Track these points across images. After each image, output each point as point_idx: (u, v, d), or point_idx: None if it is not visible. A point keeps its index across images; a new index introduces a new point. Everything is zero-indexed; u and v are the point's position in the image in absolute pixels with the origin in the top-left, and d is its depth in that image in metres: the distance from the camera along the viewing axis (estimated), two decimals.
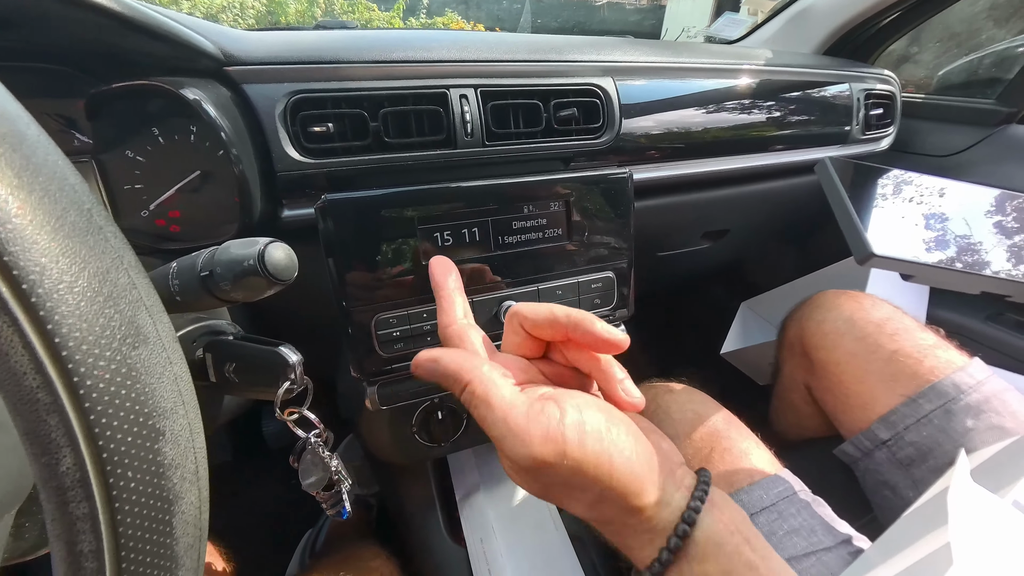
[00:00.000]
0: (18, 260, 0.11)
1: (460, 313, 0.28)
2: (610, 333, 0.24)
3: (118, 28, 0.31)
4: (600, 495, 0.21)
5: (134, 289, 0.14)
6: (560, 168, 0.48)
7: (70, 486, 0.12)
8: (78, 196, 0.13)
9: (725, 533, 0.21)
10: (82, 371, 0.12)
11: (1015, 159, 0.69)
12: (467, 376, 0.22)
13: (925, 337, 0.55)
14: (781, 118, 0.64)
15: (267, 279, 0.23)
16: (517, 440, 0.20)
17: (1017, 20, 0.74)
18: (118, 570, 0.13)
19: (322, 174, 0.40)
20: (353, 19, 6.23)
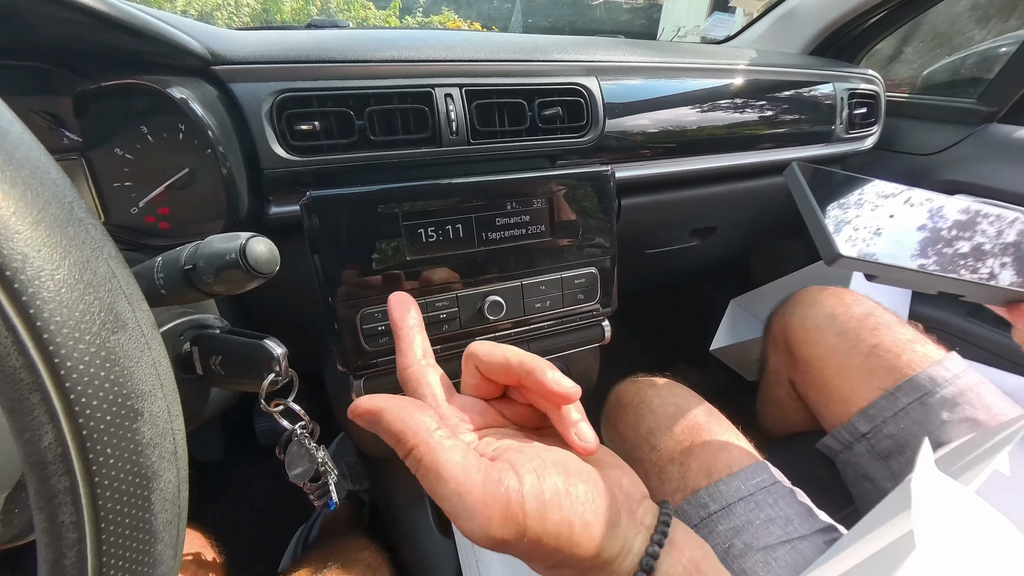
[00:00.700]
0: (2, 249, 0.12)
1: (419, 353, 0.26)
2: (559, 385, 0.22)
3: (103, 27, 0.32)
4: (560, 561, 0.21)
5: (113, 278, 0.15)
6: (545, 166, 0.49)
7: (51, 460, 0.13)
8: (59, 189, 0.14)
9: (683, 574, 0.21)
10: (63, 353, 0.13)
11: (995, 157, 0.71)
12: (411, 440, 0.20)
13: (904, 332, 0.56)
14: (765, 117, 0.65)
15: (248, 272, 0.24)
16: (474, 521, 0.19)
17: (997, 21, 0.75)
18: (98, 541, 0.14)
19: (308, 171, 0.41)
20: (349, 17, 6.21)
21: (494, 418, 0.25)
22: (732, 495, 0.43)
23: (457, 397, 0.26)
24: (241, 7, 5.83)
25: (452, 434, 0.21)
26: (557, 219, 0.44)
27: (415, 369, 0.25)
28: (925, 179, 0.76)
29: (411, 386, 0.25)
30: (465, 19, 6.82)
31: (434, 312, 0.41)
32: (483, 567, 0.53)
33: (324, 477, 0.38)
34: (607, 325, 0.51)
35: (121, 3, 0.33)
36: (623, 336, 1.02)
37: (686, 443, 0.47)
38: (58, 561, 0.13)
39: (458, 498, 0.19)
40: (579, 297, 0.47)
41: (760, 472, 0.45)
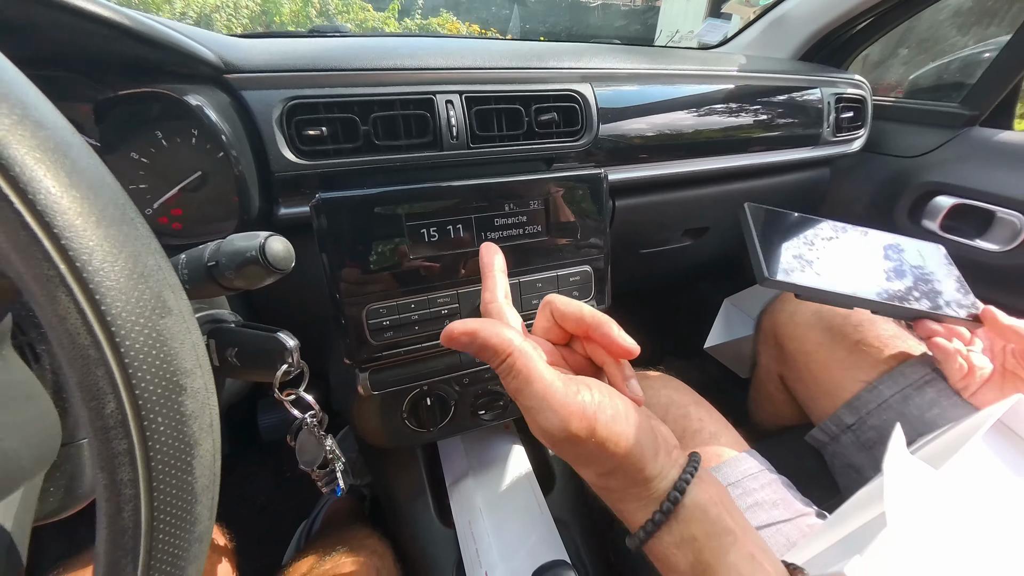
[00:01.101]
0: (73, 245, 0.14)
1: (502, 294, 0.30)
2: (624, 340, 0.27)
3: (124, 39, 0.34)
4: (614, 468, 0.24)
5: (160, 270, 0.17)
6: (541, 168, 0.51)
7: (113, 426, 0.15)
8: (114, 193, 0.16)
9: (709, 503, 0.25)
10: (122, 334, 0.15)
11: (976, 159, 0.73)
12: (508, 349, 0.24)
13: (887, 328, 0.59)
14: (754, 121, 0.67)
15: (266, 268, 0.26)
16: (555, 415, 0.23)
17: (978, 28, 0.78)
18: (150, 498, 0.16)
19: (316, 174, 0.43)
20: (348, 19, 6.23)
21: (558, 360, 0.29)
22: (720, 481, 0.45)
23: (530, 336, 0.29)
24: (240, 9, 5.85)
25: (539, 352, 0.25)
26: (553, 220, 0.46)
27: (497, 305, 0.29)
28: (911, 180, 0.79)
29: (493, 318, 0.29)
30: (465, 22, 6.85)
31: (435, 308, 0.43)
32: (483, 556, 0.55)
33: (331, 464, 0.40)
34: None
35: (141, 16, 0.35)
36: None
37: (677, 433, 0.49)
38: (117, 514, 0.15)
39: (543, 398, 0.23)
40: (574, 294, 0.49)
41: (747, 460, 0.47)
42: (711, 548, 0.24)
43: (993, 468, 0.39)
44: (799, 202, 0.86)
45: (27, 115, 0.14)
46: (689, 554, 0.24)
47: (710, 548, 0.24)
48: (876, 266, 0.54)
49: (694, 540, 0.24)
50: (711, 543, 0.24)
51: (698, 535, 0.24)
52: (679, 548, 0.24)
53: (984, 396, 0.49)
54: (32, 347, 0.26)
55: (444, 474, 0.66)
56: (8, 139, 0.13)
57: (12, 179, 0.13)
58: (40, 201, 0.14)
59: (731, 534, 0.24)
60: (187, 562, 0.18)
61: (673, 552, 0.24)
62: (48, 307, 0.14)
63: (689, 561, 0.24)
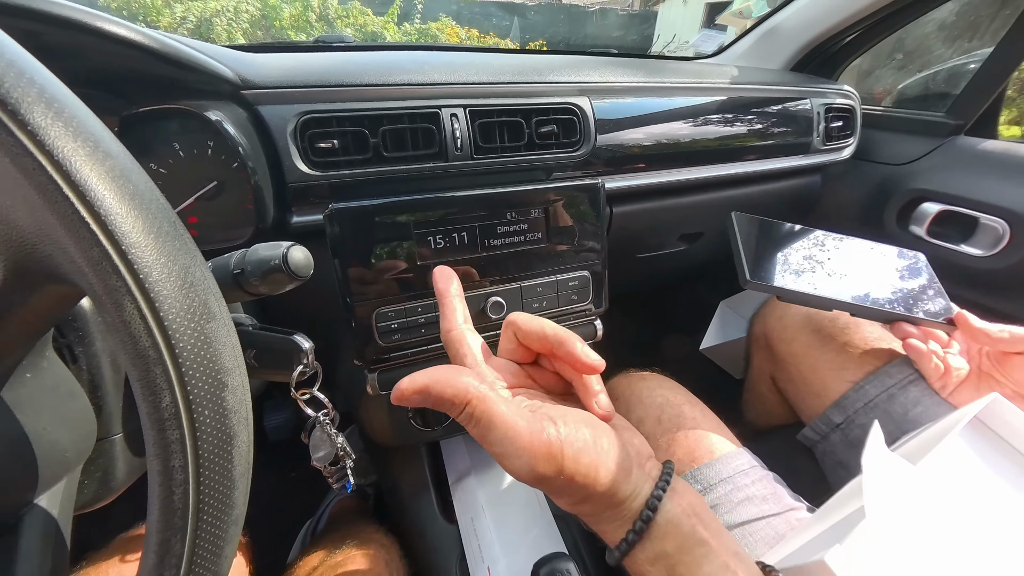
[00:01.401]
0: (137, 259, 0.16)
1: (460, 319, 0.30)
2: (587, 356, 0.26)
3: (153, 60, 0.36)
4: (585, 497, 0.25)
5: (205, 280, 0.19)
6: (541, 178, 0.53)
7: (167, 418, 0.17)
8: (167, 212, 0.18)
9: (682, 516, 0.25)
10: (176, 336, 0.17)
11: (961, 167, 0.76)
12: (465, 397, 0.23)
13: (872, 330, 0.61)
14: (747, 131, 0.69)
15: (289, 275, 0.28)
16: (522, 459, 0.23)
17: (962, 41, 0.80)
18: (197, 483, 0.18)
19: (327, 184, 0.45)
20: (347, 23, 6.26)
21: (525, 380, 0.29)
22: (713, 477, 0.47)
23: (494, 359, 0.30)
24: (240, 14, 5.88)
25: (491, 386, 0.25)
26: (552, 227, 0.48)
27: (457, 332, 0.29)
28: (899, 187, 0.81)
29: (453, 347, 0.29)
30: (464, 26, 6.89)
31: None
32: (485, 551, 0.57)
33: (342, 461, 0.42)
34: (599, 324, 0.56)
35: (166, 38, 0.37)
36: (619, 335, 1.06)
37: (672, 431, 0.51)
38: (168, 497, 0.17)
39: (508, 440, 0.23)
40: (573, 298, 0.51)
41: (738, 457, 0.49)
42: (684, 562, 0.24)
43: (970, 463, 0.41)
44: (792, 208, 0.88)
45: (98, 146, 0.16)
46: (663, 570, 0.24)
47: (683, 562, 0.24)
48: (855, 271, 0.57)
49: (667, 556, 0.24)
50: (684, 557, 0.24)
51: (671, 551, 0.24)
52: (653, 565, 0.24)
53: (962, 395, 0.52)
54: (71, 349, 0.28)
55: (447, 472, 0.68)
56: (84, 168, 0.16)
57: (87, 203, 0.15)
58: (111, 222, 0.16)
59: (705, 545, 0.24)
60: (225, 543, 0.20)
61: (647, 569, 0.24)
62: (115, 313, 0.16)
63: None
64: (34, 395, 0.23)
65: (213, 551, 0.19)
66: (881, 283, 0.57)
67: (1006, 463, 0.41)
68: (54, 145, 0.15)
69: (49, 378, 0.25)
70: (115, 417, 0.29)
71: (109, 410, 0.29)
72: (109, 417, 0.29)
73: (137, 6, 6.12)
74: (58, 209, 0.15)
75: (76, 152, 0.16)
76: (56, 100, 0.16)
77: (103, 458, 0.29)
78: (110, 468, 0.29)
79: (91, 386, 0.28)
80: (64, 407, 0.25)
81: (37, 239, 0.16)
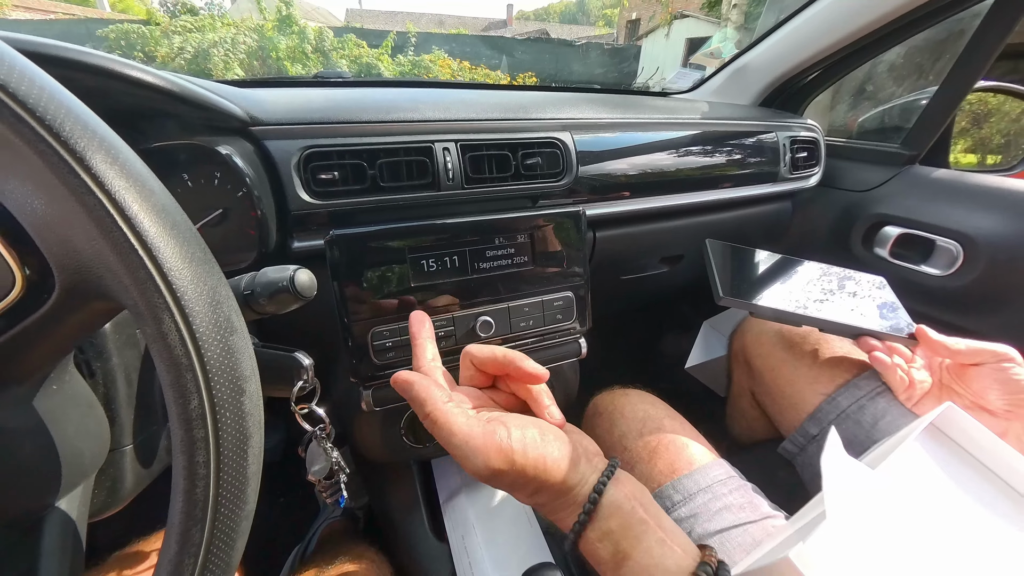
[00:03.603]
0: (175, 281, 0.19)
1: (429, 357, 0.34)
2: (533, 368, 0.31)
3: (171, 100, 0.40)
4: (538, 488, 0.28)
5: (229, 298, 0.22)
6: (527, 206, 0.57)
7: (195, 419, 0.19)
8: (197, 240, 0.21)
9: (623, 499, 0.29)
10: (204, 347, 0.20)
11: (917, 194, 0.82)
12: (429, 407, 0.28)
13: (841, 345, 0.65)
14: (719, 161, 0.75)
15: (295, 295, 0.31)
16: (478, 458, 0.27)
17: (909, 80, 0.88)
18: (217, 478, 0.20)
19: (327, 212, 0.48)
20: (343, 55, 6.48)
21: (486, 402, 0.33)
22: (692, 487, 0.49)
23: (458, 388, 0.34)
24: (238, 45, 6.06)
25: (458, 404, 0.29)
26: (537, 251, 0.52)
27: (425, 368, 0.33)
28: (862, 212, 0.87)
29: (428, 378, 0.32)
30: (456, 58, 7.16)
31: (435, 330, 0.48)
32: (476, 568, 0.58)
33: (337, 475, 0.44)
34: (583, 342, 0.59)
35: (184, 81, 0.41)
36: (606, 354, 1.09)
37: (653, 444, 0.54)
38: (192, 490, 0.20)
39: (465, 444, 0.27)
40: (557, 317, 0.54)
41: (717, 468, 0.52)
42: (627, 537, 0.27)
43: (925, 466, 0.44)
44: (765, 232, 0.94)
45: (144, 185, 0.19)
46: (609, 545, 0.28)
47: (626, 537, 0.27)
48: (822, 290, 0.62)
49: (612, 533, 0.28)
50: (627, 533, 0.28)
51: (615, 528, 0.28)
52: (601, 542, 0.28)
53: (925, 406, 0.55)
54: (89, 364, 0.30)
55: (438, 491, 0.69)
56: (134, 205, 0.19)
57: (137, 233, 0.18)
58: (155, 248, 0.19)
59: (644, 523, 0.28)
60: (238, 535, 0.22)
61: (596, 546, 0.28)
62: (155, 326, 0.19)
63: (610, 551, 0.28)
64: (61, 405, 0.25)
65: (227, 542, 0.21)
66: (846, 302, 0.62)
67: (959, 465, 0.44)
68: (112, 186, 0.18)
69: (71, 390, 0.27)
70: (127, 429, 0.31)
71: (121, 422, 0.31)
72: (121, 429, 0.31)
73: (135, 36, 6.28)
74: (113, 238, 0.18)
75: (128, 191, 0.19)
76: (112, 147, 0.19)
77: (113, 468, 0.31)
78: (119, 478, 0.31)
79: (106, 399, 0.30)
80: (84, 417, 0.27)
81: (92, 263, 0.19)
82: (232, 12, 13.07)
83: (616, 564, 0.27)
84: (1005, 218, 0.71)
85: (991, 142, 1.26)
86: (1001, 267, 0.70)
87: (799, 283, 0.62)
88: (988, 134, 1.25)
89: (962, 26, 0.75)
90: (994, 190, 0.74)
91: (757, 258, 0.65)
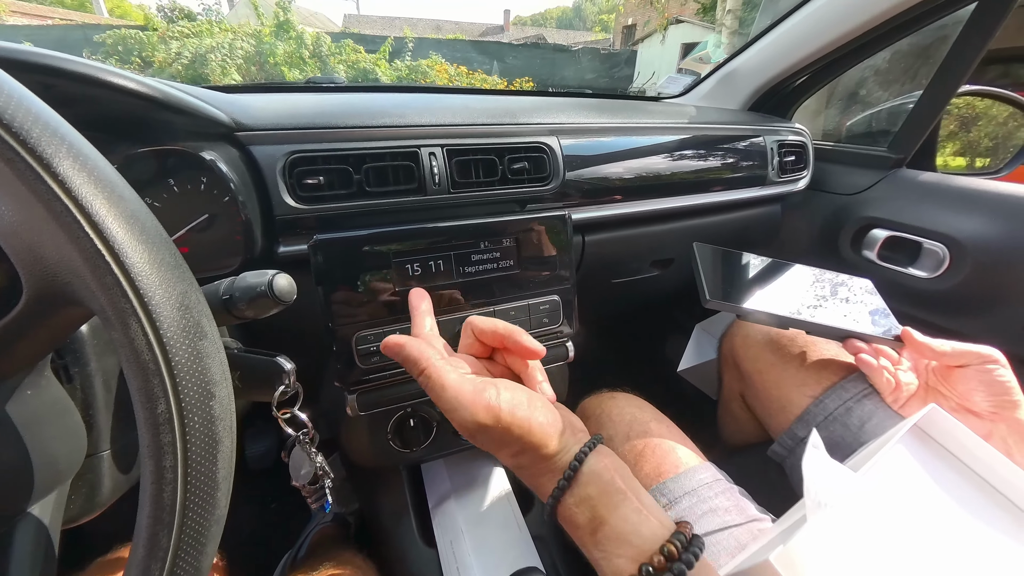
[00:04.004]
0: (143, 286, 0.19)
1: (427, 327, 0.37)
2: (531, 344, 0.33)
3: (155, 106, 0.40)
4: (522, 448, 0.30)
5: (199, 303, 0.22)
6: (515, 210, 0.57)
7: (162, 423, 0.19)
8: (168, 245, 0.21)
9: (603, 470, 0.29)
10: (172, 351, 0.20)
11: (904, 197, 0.82)
12: (424, 364, 0.31)
13: (828, 347, 0.65)
14: (708, 165, 0.75)
15: (274, 300, 0.31)
16: (466, 411, 0.29)
17: (895, 85, 0.89)
18: (185, 482, 0.20)
19: (313, 217, 0.48)
20: (340, 60, 6.50)
21: (481, 371, 0.35)
22: (678, 490, 0.49)
23: (456, 355, 0.35)
24: (235, 50, 6.08)
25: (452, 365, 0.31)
26: (524, 255, 0.52)
27: (423, 337, 0.35)
28: (851, 215, 0.88)
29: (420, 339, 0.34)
30: (452, 63, 7.20)
31: None
32: (464, 573, 0.58)
33: (321, 480, 0.44)
34: (571, 345, 0.59)
35: (168, 87, 0.41)
36: (598, 357, 1.08)
37: (639, 447, 0.54)
38: (159, 494, 0.20)
39: (454, 398, 0.29)
40: (544, 321, 0.54)
41: (703, 471, 0.52)
42: (604, 504, 0.28)
43: (909, 468, 0.44)
44: (754, 235, 0.94)
45: (114, 191, 0.20)
46: (587, 510, 0.28)
47: (603, 504, 0.28)
48: (809, 294, 0.62)
49: (590, 498, 0.28)
50: (604, 500, 0.28)
51: (593, 494, 0.29)
52: (578, 507, 0.29)
53: (911, 408, 0.55)
54: (67, 369, 0.30)
55: (427, 496, 0.69)
56: (102, 211, 0.19)
57: (104, 239, 0.19)
58: (122, 254, 0.19)
59: (621, 493, 0.29)
60: (207, 540, 0.22)
61: (574, 511, 0.29)
62: (122, 331, 0.19)
63: (587, 516, 0.28)
64: (35, 410, 0.25)
65: (196, 547, 0.21)
66: (832, 304, 0.62)
67: (942, 467, 0.44)
68: (79, 192, 0.18)
69: (47, 395, 0.27)
70: (104, 434, 0.31)
71: (99, 427, 0.31)
72: (99, 434, 0.31)
73: (133, 41, 6.30)
74: (80, 244, 0.18)
75: (96, 197, 0.19)
76: (80, 153, 0.19)
77: (91, 473, 0.30)
78: (96, 484, 0.31)
79: (84, 404, 0.30)
80: (59, 423, 0.27)
81: (59, 269, 0.19)
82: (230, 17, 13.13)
83: (592, 529, 0.28)
84: (989, 221, 0.71)
85: (980, 145, 1.27)
86: (986, 270, 0.70)
87: (786, 286, 0.63)
88: (977, 137, 1.27)
89: (945, 32, 0.76)
90: (979, 193, 0.74)
91: (744, 261, 0.66)
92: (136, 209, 0.21)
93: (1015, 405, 0.49)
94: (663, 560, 0.25)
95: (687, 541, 0.27)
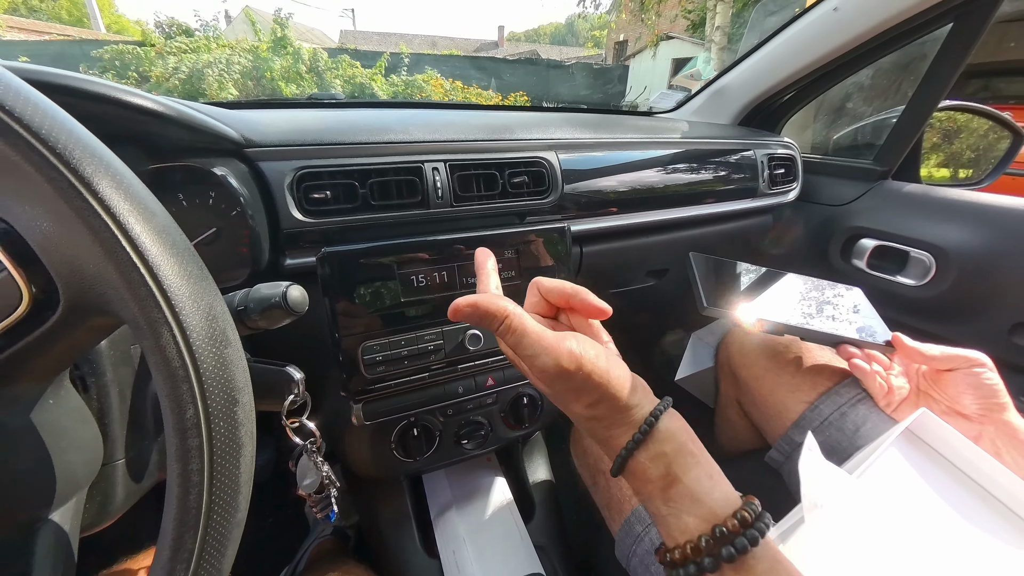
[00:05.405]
0: (174, 297, 0.20)
1: (493, 287, 0.36)
2: (599, 303, 0.33)
3: (168, 124, 0.42)
4: (600, 397, 0.30)
5: (224, 313, 0.23)
6: (515, 222, 0.59)
7: (190, 427, 0.20)
8: (194, 257, 0.23)
9: (677, 431, 0.30)
10: (200, 359, 0.21)
11: (889, 208, 0.85)
12: (505, 312, 0.30)
13: (822, 353, 0.67)
14: (700, 178, 0.78)
15: (287, 311, 0.32)
16: (548, 356, 0.29)
17: (879, 100, 0.93)
18: (211, 485, 0.21)
19: (319, 230, 0.50)
20: (337, 75, 6.58)
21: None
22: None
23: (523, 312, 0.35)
24: (232, 66, 6.14)
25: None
26: (524, 266, 0.53)
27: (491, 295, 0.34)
28: (840, 225, 0.90)
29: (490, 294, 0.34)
30: (448, 78, 7.31)
31: (423, 344, 0.49)
32: None
33: (327, 489, 0.44)
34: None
35: (181, 105, 0.43)
36: None
37: None
38: (185, 496, 0.21)
39: (537, 343, 0.29)
40: None
41: None
42: (678, 463, 0.29)
43: (902, 469, 0.45)
44: (746, 245, 0.96)
45: (146, 207, 0.21)
46: (661, 466, 0.29)
47: (677, 463, 0.29)
48: (802, 301, 0.64)
49: (665, 455, 0.29)
50: (678, 459, 0.29)
51: (668, 452, 0.29)
52: (653, 462, 0.29)
53: (904, 412, 0.57)
54: (83, 380, 0.31)
55: (429, 506, 0.69)
56: (137, 227, 0.20)
57: (140, 253, 0.20)
58: (155, 266, 0.20)
59: (694, 456, 0.29)
60: (229, 542, 0.22)
61: (648, 466, 0.29)
62: (153, 340, 0.20)
63: (660, 472, 0.29)
64: (56, 419, 0.26)
65: (219, 549, 0.22)
66: (825, 311, 0.64)
67: (933, 469, 0.45)
68: (117, 209, 0.20)
69: (67, 404, 0.28)
70: (119, 444, 0.32)
71: (114, 437, 0.31)
72: (114, 443, 0.31)
73: (130, 57, 6.34)
74: (117, 258, 0.19)
75: (132, 213, 0.20)
76: (116, 172, 0.21)
77: (105, 482, 0.31)
78: (110, 492, 0.31)
79: (99, 414, 0.31)
80: (79, 431, 0.28)
81: (95, 280, 0.20)
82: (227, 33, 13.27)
83: (666, 484, 0.28)
84: (973, 230, 0.74)
85: (962, 157, 1.31)
86: (971, 277, 0.73)
87: (780, 294, 0.65)
88: (959, 149, 1.31)
89: (924, 50, 0.80)
90: (962, 203, 0.77)
91: (739, 270, 0.68)
92: (166, 224, 0.22)
93: (1002, 407, 0.50)
94: (736, 524, 0.26)
95: (758, 511, 0.27)
